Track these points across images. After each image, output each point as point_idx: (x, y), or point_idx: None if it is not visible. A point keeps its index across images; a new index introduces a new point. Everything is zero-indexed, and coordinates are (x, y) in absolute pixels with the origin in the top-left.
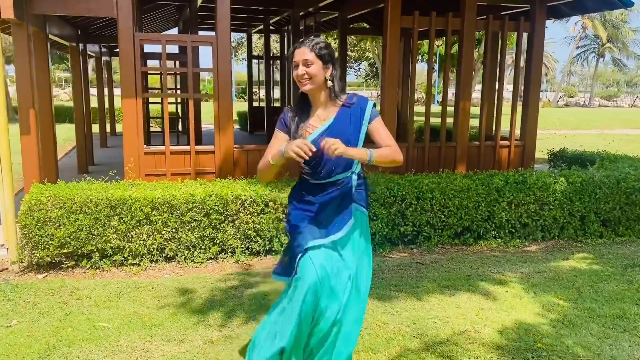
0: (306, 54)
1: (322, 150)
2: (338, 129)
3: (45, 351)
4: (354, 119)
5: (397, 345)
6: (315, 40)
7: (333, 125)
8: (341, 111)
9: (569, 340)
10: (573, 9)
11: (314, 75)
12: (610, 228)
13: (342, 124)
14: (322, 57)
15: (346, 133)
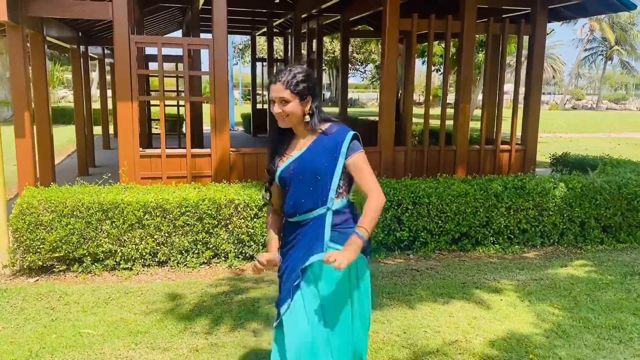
0: (282, 92)
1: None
2: (309, 158)
3: (27, 358)
4: (329, 149)
5: (385, 355)
6: (292, 74)
7: (304, 154)
8: (317, 140)
9: (562, 352)
10: (575, 12)
11: (290, 113)
12: (611, 234)
13: (314, 153)
14: (299, 93)
15: (316, 163)
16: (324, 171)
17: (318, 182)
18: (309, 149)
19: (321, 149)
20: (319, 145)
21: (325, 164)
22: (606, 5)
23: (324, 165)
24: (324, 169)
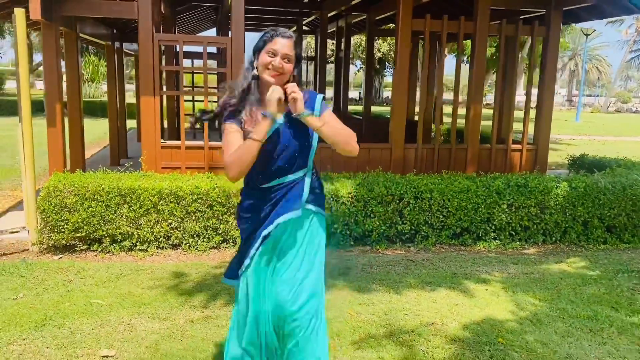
0: (290, 50)
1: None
2: (295, 121)
3: (42, 321)
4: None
5: (362, 333)
6: (297, 38)
7: (290, 117)
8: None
9: (531, 337)
10: (590, 14)
11: (286, 74)
12: (615, 234)
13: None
14: (297, 57)
15: (302, 125)
16: (307, 137)
17: (303, 147)
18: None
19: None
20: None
21: (305, 132)
22: (621, 7)
23: (305, 131)
24: (307, 134)
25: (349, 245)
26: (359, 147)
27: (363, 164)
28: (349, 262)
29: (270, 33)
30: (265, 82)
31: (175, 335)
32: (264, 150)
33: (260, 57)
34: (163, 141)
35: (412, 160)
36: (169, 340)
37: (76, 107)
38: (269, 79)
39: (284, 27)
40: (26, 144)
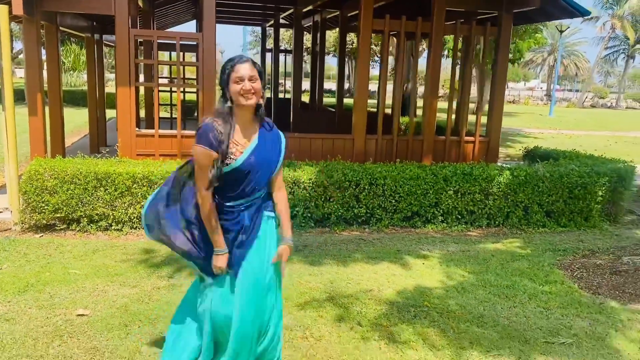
0: (252, 70)
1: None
2: (264, 149)
3: (24, 287)
4: (274, 144)
5: (307, 297)
6: (252, 58)
7: (260, 145)
8: (262, 131)
9: (453, 302)
10: (538, 16)
11: (257, 91)
12: (554, 219)
13: (266, 145)
14: (260, 74)
15: (272, 155)
16: (275, 163)
17: (271, 171)
18: (262, 141)
19: (270, 142)
20: (267, 138)
21: (275, 157)
22: (564, 10)
23: (276, 158)
24: (276, 161)
25: (310, 227)
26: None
27: (327, 153)
28: (306, 240)
29: (229, 65)
30: (243, 106)
31: (143, 299)
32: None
33: (231, 88)
34: (138, 129)
35: (373, 150)
36: (137, 303)
37: (56, 96)
38: (247, 103)
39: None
40: (9, 131)
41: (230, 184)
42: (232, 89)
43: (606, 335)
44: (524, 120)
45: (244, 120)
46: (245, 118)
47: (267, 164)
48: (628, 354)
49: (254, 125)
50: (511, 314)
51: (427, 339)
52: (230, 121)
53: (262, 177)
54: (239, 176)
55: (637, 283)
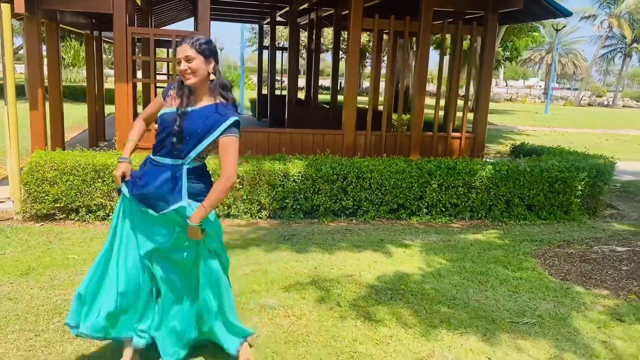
0: (187, 51)
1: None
2: (192, 120)
3: (26, 270)
4: (211, 121)
5: (292, 280)
6: (196, 38)
7: (191, 114)
8: (207, 107)
9: (428, 286)
10: (524, 16)
11: (196, 70)
12: (534, 212)
13: (198, 118)
14: (202, 52)
15: (192, 126)
16: (194, 135)
17: (188, 141)
18: (196, 112)
19: (204, 117)
20: (205, 113)
21: (198, 130)
22: (548, 11)
23: (197, 130)
24: (196, 133)
25: (299, 218)
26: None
27: (318, 148)
28: (294, 230)
29: (175, 46)
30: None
31: None
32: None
33: (176, 66)
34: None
35: (362, 145)
36: None
37: (56, 92)
38: (187, 82)
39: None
40: (11, 125)
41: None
42: (177, 68)
43: (568, 316)
44: (519, 118)
45: (199, 95)
46: (200, 93)
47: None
48: (586, 333)
49: (207, 101)
50: (482, 297)
51: (400, 318)
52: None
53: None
54: (159, 125)
55: (603, 270)
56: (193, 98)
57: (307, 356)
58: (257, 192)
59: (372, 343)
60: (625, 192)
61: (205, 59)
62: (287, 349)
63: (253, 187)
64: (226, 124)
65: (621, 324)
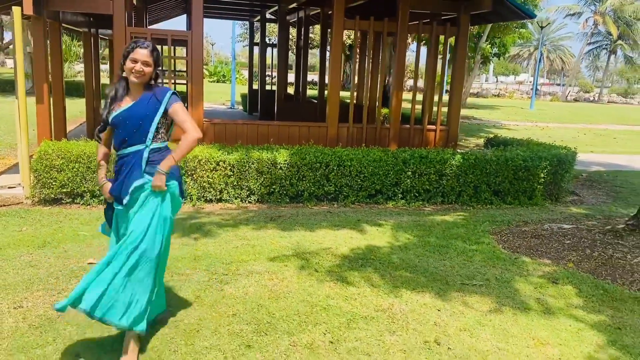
0: (148, 57)
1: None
2: (136, 109)
3: (42, 244)
4: (152, 102)
5: (277, 253)
6: (153, 46)
7: (132, 106)
8: (143, 96)
9: (395, 257)
10: (494, 17)
11: (147, 74)
12: (500, 197)
13: (140, 105)
14: (155, 61)
15: (141, 113)
16: (146, 118)
17: (140, 125)
18: (137, 102)
19: (145, 102)
20: (144, 99)
21: (147, 112)
22: (514, 13)
23: (145, 113)
24: (146, 116)
25: (285, 202)
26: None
27: (304, 139)
28: (281, 213)
29: (132, 45)
30: (131, 82)
31: None
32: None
33: (126, 64)
34: None
35: (344, 137)
36: None
37: (59, 87)
38: (134, 80)
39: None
40: (21, 117)
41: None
42: (127, 66)
43: (511, 279)
44: (504, 113)
45: (134, 90)
46: (135, 89)
47: (136, 118)
48: (524, 292)
49: (142, 93)
50: (440, 265)
51: (368, 281)
52: (119, 87)
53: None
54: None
55: (549, 244)
56: (129, 97)
57: (287, 308)
58: (247, 179)
59: (342, 299)
60: (589, 180)
61: (155, 65)
62: (271, 303)
63: (243, 174)
64: (167, 96)
65: (555, 285)
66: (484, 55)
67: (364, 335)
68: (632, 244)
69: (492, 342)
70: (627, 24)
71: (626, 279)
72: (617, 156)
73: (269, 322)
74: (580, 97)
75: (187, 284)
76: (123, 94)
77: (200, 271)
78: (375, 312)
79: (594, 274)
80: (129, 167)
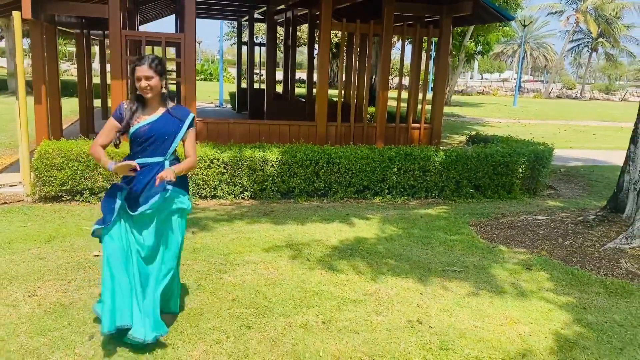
0: (147, 72)
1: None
2: (160, 126)
3: (48, 238)
4: (175, 122)
5: (270, 244)
6: (152, 58)
7: (156, 121)
8: (166, 113)
9: (381, 246)
10: (475, 20)
11: (154, 87)
12: (481, 192)
13: (164, 123)
14: (158, 71)
15: (167, 129)
16: (171, 134)
17: (165, 141)
18: (160, 119)
19: (170, 119)
20: (168, 117)
21: (172, 129)
22: (494, 16)
23: (171, 130)
24: (172, 133)
25: (277, 199)
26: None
27: (294, 137)
28: (273, 208)
29: (133, 64)
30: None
31: None
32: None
33: (135, 82)
34: None
35: (333, 135)
36: None
37: (55, 88)
38: (146, 96)
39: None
40: (22, 117)
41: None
42: (136, 84)
43: (488, 266)
44: (488, 111)
45: (152, 104)
46: (153, 103)
47: (162, 133)
48: (500, 277)
49: (161, 108)
50: (422, 254)
51: (356, 268)
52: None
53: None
54: (135, 139)
55: (525, 234)
56: (148, 109)
57: (282, 293)
58: (240, 176)
59: (333, 284)
60: (567, 175)
61: (160, 76)
62: (267, 289)
63: (236, 172)
64: (190, 118)
65: (529, 271)
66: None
67: (353, 316)
68: (600, 233)
69: (469, 321)
70: (608, 22)
71: (594, 265)
72: (595, 152)
73: (266, 306)
74: (563, 93)
75: (189, 273)
76: (140, 107)
77: (200, 262)
78: (363, 295)
79: (565, 260)
80: (149, 176)
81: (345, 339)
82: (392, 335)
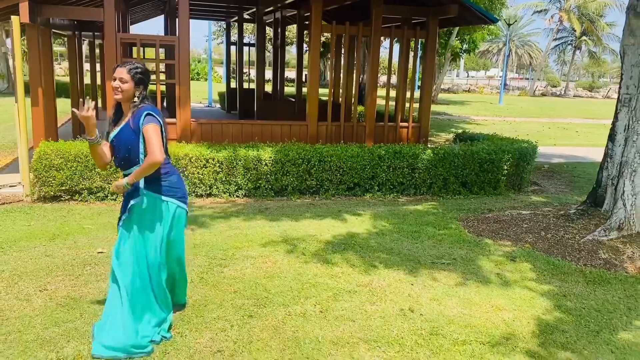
0: (123, 74)
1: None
2: (122, 136)
3: (52, 236)
4: (134, 127)
5: (267, 240)
6: (135, 65)
7: (122, 129)
8: (126, 123)
9: (373, 241)
10: (461, 21)
11: (125, 90)
12: (467, 188)
13: (125, 132)
14: (134, 78)
15: (126, 139)
16: (132, 143)
17: (130, 150)
18: (123, 128)
19: (129, 128)
20: (127, 125)
21: (131, 137)
22: (479, 18)
23: (131, 140)
24: (132, 142)
25: (270, 196)
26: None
27: (286, 137)
28: (267, 205)
29: (116, 65)
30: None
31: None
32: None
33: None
34: None
35: (324, 134)
36: None
37: (50, 90)
38: (114, 97)
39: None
40: (20, 119)
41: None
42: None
43: (475, 258)
44: (474, 109)
45: (126, 111)
46: (125, 107)
47: (125, 145)
48: (486, 268)
49: (127, 117)
50: (412, 247)
51: (349, 261)
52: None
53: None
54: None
55: (509, 228)
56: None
57: (281, 285)
58: (235, 175)
59: (328, 277)
60: (551, 172)
61: (136, 85)
62: (266, 281)
63: (231, 170)
64: (142, 119)
65: (513, 263)
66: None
67: (349, 306)
68: (580, 226)
69: (457, 309)
70: (591, 20)
71: (574, 256)
72: (578, 148)
73: (266, 297)
74: (548, 91)
75: (191, 268)
76: (119, 115)
77: (201, 257)
78: (357, 287)
79: (547, 252)
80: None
81: (342, 326)
82: (385, 323)
